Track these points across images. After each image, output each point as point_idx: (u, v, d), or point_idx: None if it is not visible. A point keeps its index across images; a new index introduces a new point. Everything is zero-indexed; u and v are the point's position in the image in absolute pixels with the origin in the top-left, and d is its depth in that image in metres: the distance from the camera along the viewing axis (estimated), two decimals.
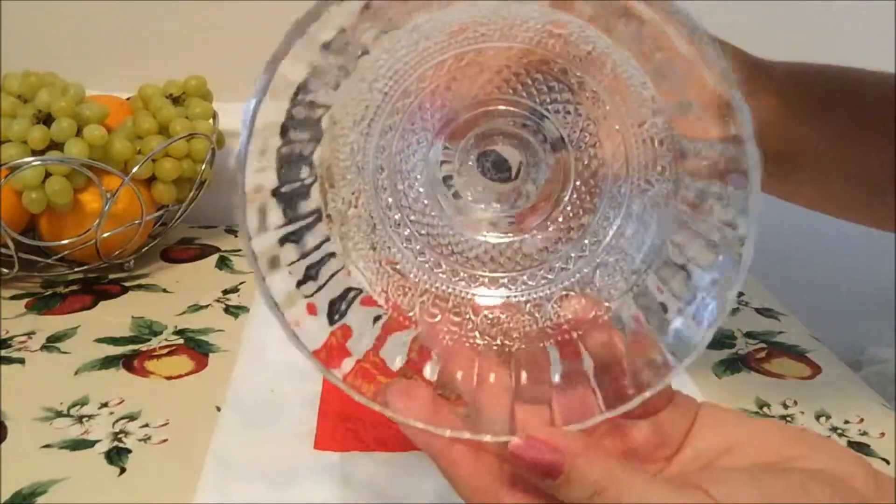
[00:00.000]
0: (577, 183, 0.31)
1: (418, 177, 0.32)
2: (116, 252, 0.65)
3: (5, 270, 0.62)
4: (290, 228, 0.29)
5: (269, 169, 0.28)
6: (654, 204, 0.30)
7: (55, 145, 0.61)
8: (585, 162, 0.30)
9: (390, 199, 0.32)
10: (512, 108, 0.30)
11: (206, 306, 0.62)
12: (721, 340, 0.61)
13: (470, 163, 0.31)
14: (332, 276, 0.31)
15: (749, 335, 0.62)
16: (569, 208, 0.31)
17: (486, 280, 0.33)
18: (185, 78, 0.70)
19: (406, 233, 0.33)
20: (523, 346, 0.31)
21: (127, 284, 0.65)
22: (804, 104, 0.43)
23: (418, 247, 0.33)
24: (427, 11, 0.27)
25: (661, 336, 0.29)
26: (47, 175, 0.60)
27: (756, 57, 0.42)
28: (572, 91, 0.29)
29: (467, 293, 0.33)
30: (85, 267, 0.65)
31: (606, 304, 0.31)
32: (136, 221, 0.64)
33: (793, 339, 0.62)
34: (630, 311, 0.31)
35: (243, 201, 0.26)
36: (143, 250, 0.68)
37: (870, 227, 0.49)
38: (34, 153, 0.60)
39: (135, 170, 0.63)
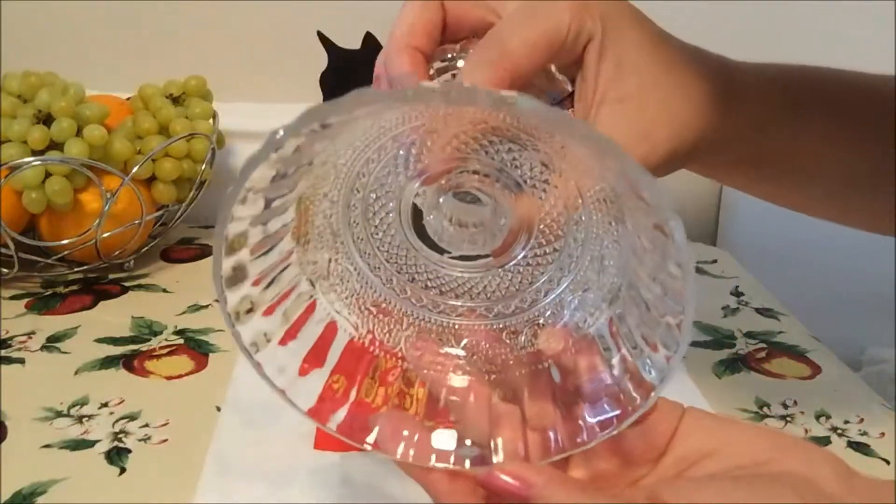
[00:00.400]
0: (541, 226, 0.33)
1: (391, 223, 0.34)
2: (116, 252, 0.65)
3: (5, 270, 0.62)
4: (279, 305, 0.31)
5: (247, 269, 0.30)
6: (609, 254, 0.32)
7: (55, 145, 0.61)
8: (547, 209, 0.32)
9: (367, 249, 0.34)
10: (471, 166, 0.32)
11: (206, 306, 0.62)
12: (721, 340, 0.61)
13: (441, 202, 0.32)
14: (321, 329, 0.33)
15: (749, 335, 0.62)
16: (536, 247, 0.33)
17: (464, 310, 0.34)
18: (185, 78, 0.70)
19: (386, 275, 0.34)
20: (503, 374, 0.33)
21: (127, 284, 0.65)
22: (780, 108, 0.43)
23: (399, 285, 0.34)
24: (368, 118, 0.29)
25: (611, 377, 0.31)
26: (47, 175, 0.60)
27: (729, 61, 0.42)
28: (526, 149, 0.31)
29: (449, 322, 0.35)
30: (85, 267, 0.65)
31: (575, 335, 0.33)
32: (136, 221, 0.64)
33: (793, 339, 0.62)
34: (592, 347, 0.33)
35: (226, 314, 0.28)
36: (143, 250, 0.68)
37: (848, 227, 0.49)
38: (34, 153, 0.60)
39: (135, 170, 0.63)
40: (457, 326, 0.34)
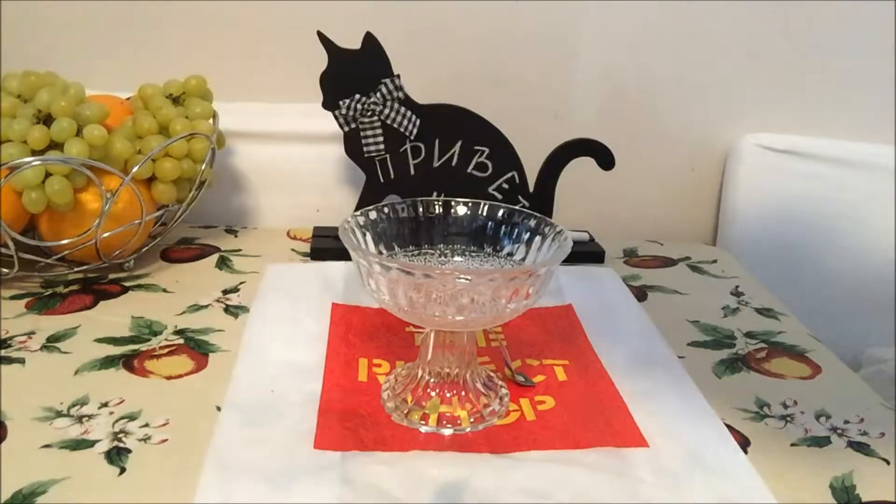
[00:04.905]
0: None
1: None
2: (116, 252, 0.65)
3: (5, 270, 0.62)
4: None
5: None
6: None
7: (55, 145, 0.61)
8: None
9: None
10: None
11: (206, 306, 0.62)
12: (721, 340, 0.61)
13: None
14: None
15: (749, 335, 0.62)
16: None
17: None
18: (185, 78, 0.71)
19: None
20: None
21: (127, 284, 0.65)
22: None
23: None
24: None
25: None
26: (47, 175, 0.60)
27: None
28: None
29: None
30: (85, 267, 0.65)
31: None
32: (136, 221, 0.64)
33: (793, 339, 0.62)
34: None
35: None
36: (143, 250, 0.68)
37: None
38: (34, 153, 0.60)
39: (135, 170, 0.63)
40: None
